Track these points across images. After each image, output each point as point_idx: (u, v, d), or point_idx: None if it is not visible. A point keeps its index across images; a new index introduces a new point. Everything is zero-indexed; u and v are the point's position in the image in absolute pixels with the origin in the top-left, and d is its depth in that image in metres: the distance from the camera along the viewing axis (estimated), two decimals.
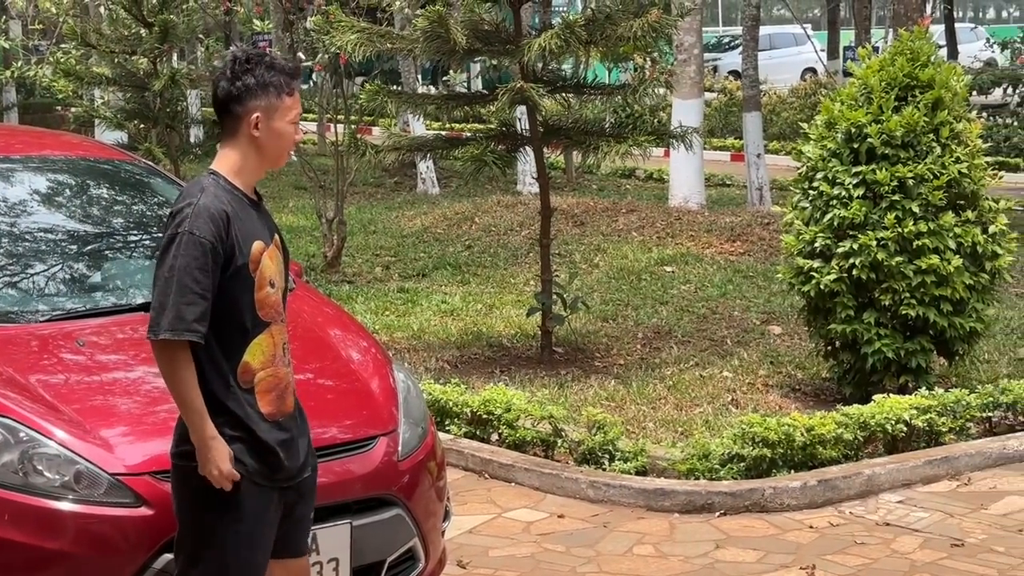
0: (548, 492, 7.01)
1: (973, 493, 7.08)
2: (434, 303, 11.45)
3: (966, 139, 8.23)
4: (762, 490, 6.81)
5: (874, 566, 6.07)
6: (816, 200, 8.29)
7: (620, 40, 9.07)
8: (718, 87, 29.99)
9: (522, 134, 9.98)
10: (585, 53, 9.45)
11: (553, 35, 8.65)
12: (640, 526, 6.57)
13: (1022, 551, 6.22)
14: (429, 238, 14.93)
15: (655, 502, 6.77)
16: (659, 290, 11.93)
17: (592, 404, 8.03)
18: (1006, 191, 17.66)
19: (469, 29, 8.92)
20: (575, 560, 6.15)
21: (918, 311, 7.97)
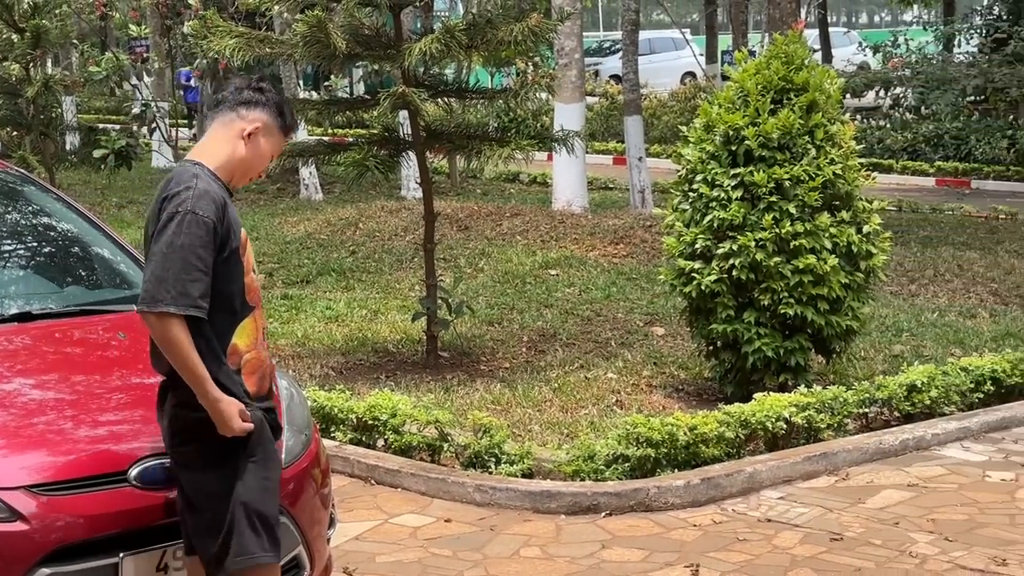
0: (434, 497, 7.00)
1: (851, 488, 7.22)
2: (318, 309, 11.37)
3: (840, 141, 8.38)
4: (647, 490, 6.85)
5: (756, 562, 6.14)
6: (696, 202, 8.38)
7: (501, 44, 9.09)
8: (600, 91, 30.18)
9: (405, 139, 9.96)
10: (467, 57, 9.45)
11: (434, 39, 8.64)
12: (527, 528, 6.58)
13: (898, 543, 6.35)
14: (313, 244, 14.82)
15: (541, 504, 6.79)
16: (544, 293, 11.97)
17: (478, 408, 8.04)
18: (880, 192, 18.09)
19: (349, 33, 8.88)
20: (462, 564, 6.14)
21: (796, 310, 8.09)
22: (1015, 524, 6.63)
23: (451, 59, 9.32)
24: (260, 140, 4.42)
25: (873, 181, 12.06)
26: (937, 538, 6.42)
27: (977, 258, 14.02)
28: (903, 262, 13.48)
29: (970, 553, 6.21)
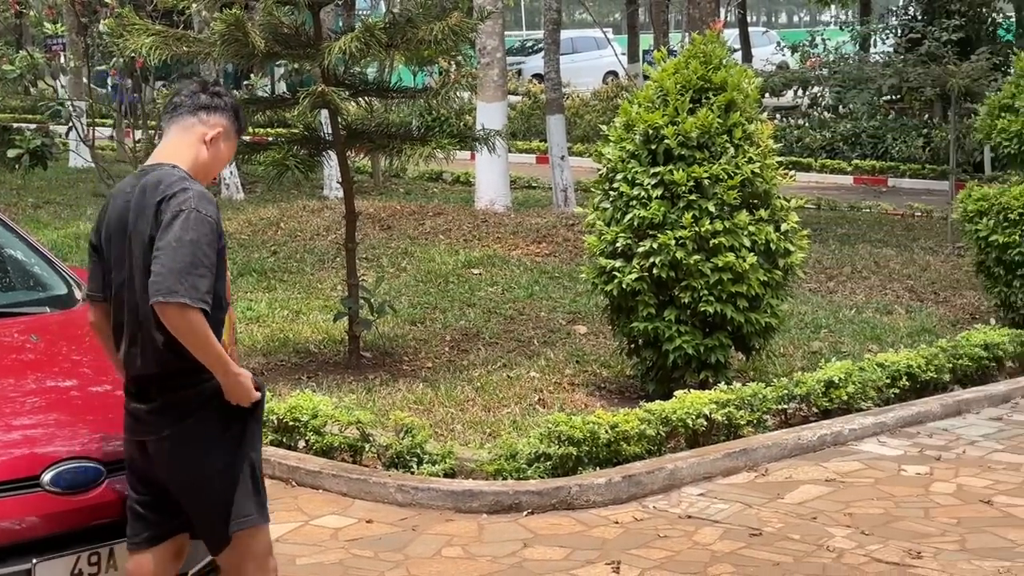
0: (356, 497, 6.95)
1: (770, 483, 7.28)
2: (239, 310, 11.23)
3: (758, 140, 8.44)
4: (568, 488, 6.86)
5: (676, 558, 6.17)
6: (616, 201, 8.41)
7: (422, 43, 9.06)
8: (523, 90, 30.18)
9: (325, 138, 9.89)
10: (387, 56, 9.42)
11: (353, 38, 8.58)
12: (449, 528, 6.56)
13: (816, 538, 6.41)
14: (234, 244, 14.65)
15: (463, 504, 6.77)
16: (466, 292, 11.96)
17: (400, 408, 8.01)
18: (799, 190, 18.24)
19: (268, 32, 8.81)
20: (383, 565, 6.10)
21: (716, 308, 8.14)
22: (929, 517, 6.73)
23: (372, 58, 9.27)
24: (220, 145, 4.51)
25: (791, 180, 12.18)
26: (854, 532, 6.49)
27: (893, 255, 14.21)
28: (822, 259, 13.62)
29: (886, 546, 6.28)
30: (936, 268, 13.51)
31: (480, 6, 14.37)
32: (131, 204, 4.36)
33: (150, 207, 4.28)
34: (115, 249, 4.40)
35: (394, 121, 13.14)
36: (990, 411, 8.83)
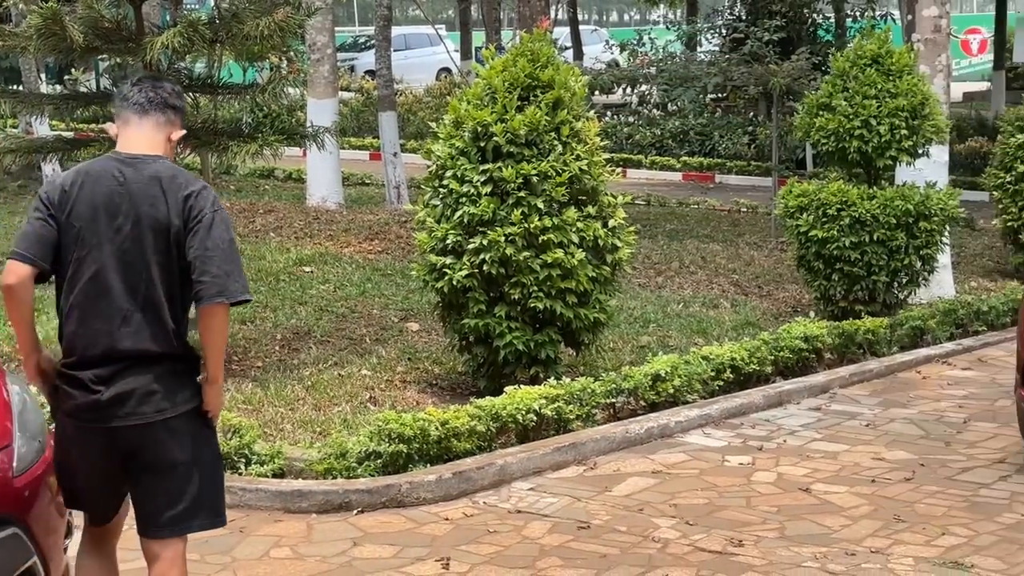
0: None
1: (598, 476, 7.35)
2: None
3: (585, 137, 8.50)
4: (399, 485, 6.84)
5: (505, 553, 6.18)
6: (446, 198, 8.40)
7: (248, 39, 8.92)
8: (355, 87, 30.06)
9: None
10: (211, 52, 9.24)
11: (176, 33, 8.42)
12: (277, 529, 6.48)
13: (642, 529, 6.49)
14: None
15: (292, 504, 6.70)
16: (298, 291, 11.84)
17: (228, 408, 7.83)
18: (630, 186, 18.53)
19: (88, 26, 8.56)
20: (210, 568, 5.99)
21: (546, 304, 8.18)
22: (751, 506, 6.87)
23: (196, 53, 9.10)
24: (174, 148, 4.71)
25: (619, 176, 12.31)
26: (679, 522, 6.59)
27: (720, 250, 14.50)
28: (651, 255, 13.83)
29: (709, 536, 6.39)
30: (760, 263, 13.82)
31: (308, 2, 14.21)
32: (130, 190, 4.41)
33: (174, 198, 4.40)
34: (95, 228, 4.40)
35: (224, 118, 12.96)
36: (809, 401, 9.06)
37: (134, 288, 4.42)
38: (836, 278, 10.87)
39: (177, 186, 4.42)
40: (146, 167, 4.46)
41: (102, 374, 4.41)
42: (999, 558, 6.15)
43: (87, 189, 4.45)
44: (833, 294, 10.99)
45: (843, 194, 10.74)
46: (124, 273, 4.41)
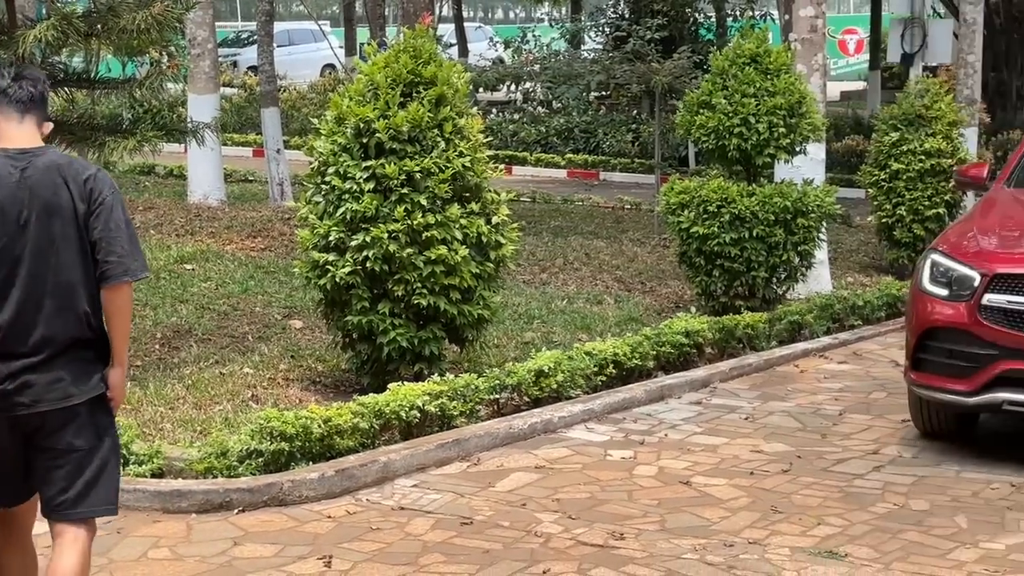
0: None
1: (482, 472, 7.36)
2: None
3: (468, 134, 8.51)
4: (280, 484, 6.78)
5: (388, 550, 6.17)
6: (329, 194, 8.36)
7: (124, 32, 8.79)
8: (238, 82, 29.76)
9: None
10: (87, 46, 9.07)
11: (49, 26, 8.28)
12: (156, 529, 6.38)
13: (525, 524, 6.51)
14: None
15: (171, 504, 6.60)
16: (179, 288, 11.69)
17: None
18: (516, 183, 18.59)
19: None
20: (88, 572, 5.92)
21: (429, 300, 8.18)
22: (632, 500, 6.92)
23: (71, 47, 8.93)
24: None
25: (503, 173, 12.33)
26: (561, 517, 6.61)
27: (604, 247, 14.58)
28: (535, 251, 13.87)
29: (591, 530, 6.43)
30: (643, 259, 13.92)
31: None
32: (29, 183, 4.47)
33: (75, 184, 4.48)
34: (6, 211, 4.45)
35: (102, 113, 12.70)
36: (690, 395, 9.13)
37: (43, 276, 4.47)
38: (717, 274, 10.99)
39: (75, 171, 4.52)
40: (39, 159, 4.53)
41: (11, 364, 4.42)
42: (872, 547, 6.28)
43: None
44: (714, 290, 11.11)
45: (723, 191, 10.87)
46: (33, 263, 4.46)
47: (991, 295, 7.63)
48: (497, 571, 5.91)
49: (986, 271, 7.68)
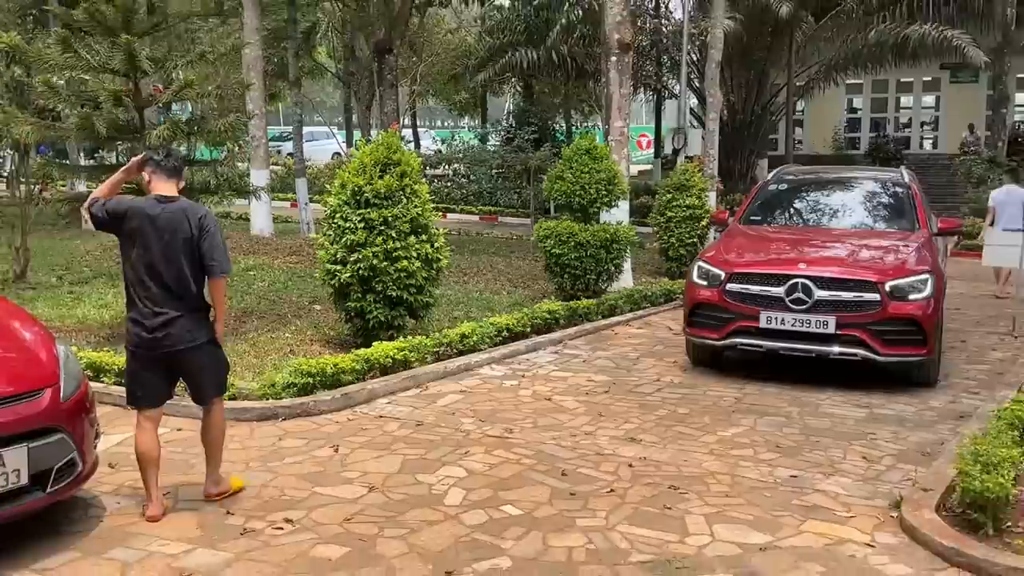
0: (172, 416, 6.52)
1: (428, 395, 7.33)
2: (94, 300, 10.47)
3: (420, 194, 8.42)
4: (307, 403, 6.71)
5: (372, 440, 6.13)
6: (337, 230, 8.25)
7: (211, 132, 8.65)
8: (281, 162, 29.30)
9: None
10: (188, 140, 8.90)
11: (164, 129, 8.14)
12: (232, 431, 6.13)
13: (454, 425, 6.51)
14: (90, 258, 13.63)
15: (241, 416, 6.51)
16: (245, 286, 11.49)
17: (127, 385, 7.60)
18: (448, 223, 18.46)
19: (109, 123, 8.18)
20: (188, 456, 5.80)
21: (397, 293, 8.11)
22: (517, 409, 6.94)
23: (179, 141, 8.76)
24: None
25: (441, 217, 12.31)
26: (475, 420, 6.63)
27: (500, 261, 14.59)
28: (460, 264, 13.83)
29: (493, 427, 6.45)
30: (524, 268, 13.95)
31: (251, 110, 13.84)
32: (172, 214, 4.65)
33: (193, 220, 4.67)
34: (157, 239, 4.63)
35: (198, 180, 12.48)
36: (551, 348, 9.16)
37: (167, 271, 4.65)
38: (567, 277, 11.05)
39: (194, 211, 4.71)
40: (174, 203, 4.72)
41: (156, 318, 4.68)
42: (656, 434, 6.37)
43: (138, 210, 4.69)
44: (565, 286, 11.18)
45: (570, 228, 10.92)
46: (166, 262, 4.64)
47: (730, 284, 7.84)
48: (438, 451, 5.91)
49: (727, 271, 7.88)
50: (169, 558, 4.36)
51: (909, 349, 7.39)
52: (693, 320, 8.10)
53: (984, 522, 4.56)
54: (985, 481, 4.57)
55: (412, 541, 4.57)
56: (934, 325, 7.46)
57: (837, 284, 7.46)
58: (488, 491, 5.21)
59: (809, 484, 5.40)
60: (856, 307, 7.40)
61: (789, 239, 8.51)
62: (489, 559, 4.38)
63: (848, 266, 7.66)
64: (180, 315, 4.67)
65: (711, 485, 5.36)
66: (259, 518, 4.84)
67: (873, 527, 4.79)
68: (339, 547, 4.50)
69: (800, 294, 7.48)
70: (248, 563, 4.33)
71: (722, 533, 4.70)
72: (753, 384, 7.75)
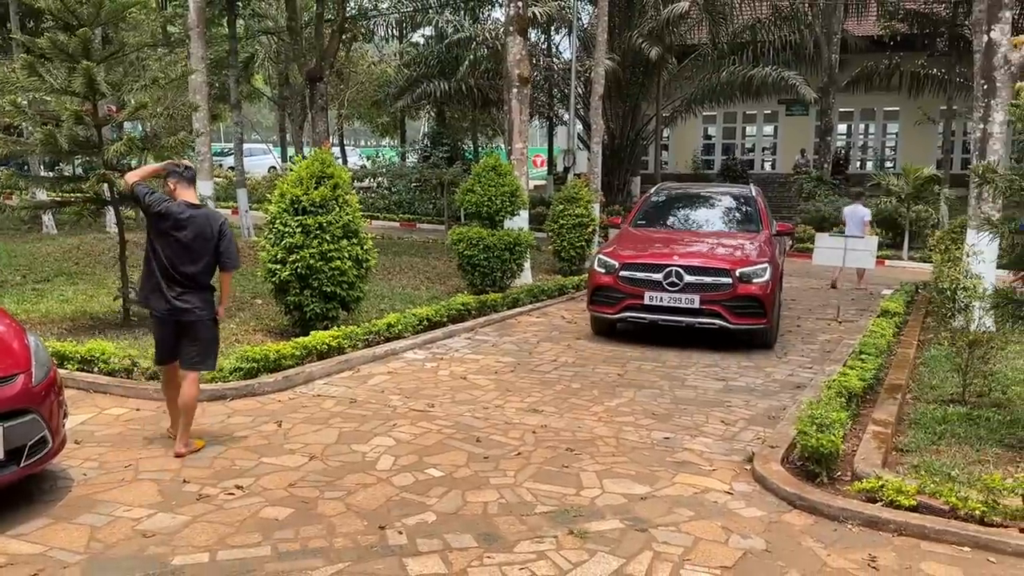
0: (130, 398, 6.31)
1: (360, 376, 7.22)
2: (55, 296, 9.94)
3: (352, 203, 8.32)
4: (252, 385, 6.54)
5: (311, 416, 6.01)
6: (277, 234, 8.06)
7: (163, 148, 8.31)
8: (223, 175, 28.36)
9: (106, 199, 8.87)
10: (142, 154, 8.53)
11: (121, 144, 7.79)
12: None
13: (383, 401, 6.43)
14: (51, 259, 12.92)
15: None
16: None
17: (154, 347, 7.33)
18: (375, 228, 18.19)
19: (70, 139, 7.79)
20: (147, 432, 5.59)
21: (331, 289, 7.99)
22: (438, 387, 6.90)
23: (134, 155, 8.40)
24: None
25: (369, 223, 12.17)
26: (402, 396, 6.57)
27: (420, 261, 14.49)
28: (385, 263, 13.70)
29: (417, 403, 6.39)
30: (441, 267, 13.90)
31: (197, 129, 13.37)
32: (198, 219, 5.01)
33: (214, 225, 5.05)
34: (175, 233, 4.97)
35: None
36: (465, 335, 9.15)
37: (197, 259, 5.02)
38: (477, 274, 11.08)
39: (214, 217, 5.08)
40: (200, 210, 5.06)
41: (176, 294, 5.02)
42: (555, 406, 6.43)
43: (176, 212, 5.00)
44: (476, 283, 11.21)
45: (480, 233, 10.97)
46: (192, 253, 5.00)
47: (622, 272, 8.59)
48: (369, 424, 5.84)
49: (620, 261, 8.66)
50: (133, 521, 4.21)
51: (753, 320, 8.33)
52: (594, 299, 8.82)
53: (820, 472, 4.82)
54: (820, 439, 4.82)
55: (349, 502, 4.53)
56: (771, 302, 8.43)
57: (701, 271, 8.33)
58: (414, 457, 5.20)
59: (679, 444, 5.58)
60: (714, 288, 8.29)
61: (665, 238, 9.29)
62: (417, 515, 4.38)
63: (709, 258, 8.50)
64: (194, 294, 5.05)
65: (600, 447, 5.48)
66: (212, 485, 4.72)
67: (731, 478, 4.99)
68: (284, 508, 4.43)
69: (674, 279, 8.35)
70: (204, 524, 4.22)
71: (610, 486, 4.82)
72: (633, 363, 7.93)
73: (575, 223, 14.06)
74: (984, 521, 4.17)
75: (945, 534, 4.11)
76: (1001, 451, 5.31)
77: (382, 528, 4.21)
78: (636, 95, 23.16)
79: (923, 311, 10.99)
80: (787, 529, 4.30)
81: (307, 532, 4.15)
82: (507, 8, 12.25)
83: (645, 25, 20.88)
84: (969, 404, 6.35)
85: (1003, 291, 5.91)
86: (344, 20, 18.29)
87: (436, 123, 29.26)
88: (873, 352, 7.55)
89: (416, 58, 25.81)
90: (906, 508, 4.32)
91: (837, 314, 11.06)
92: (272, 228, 8.13)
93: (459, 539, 4.09)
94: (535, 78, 22.61)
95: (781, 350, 8.59)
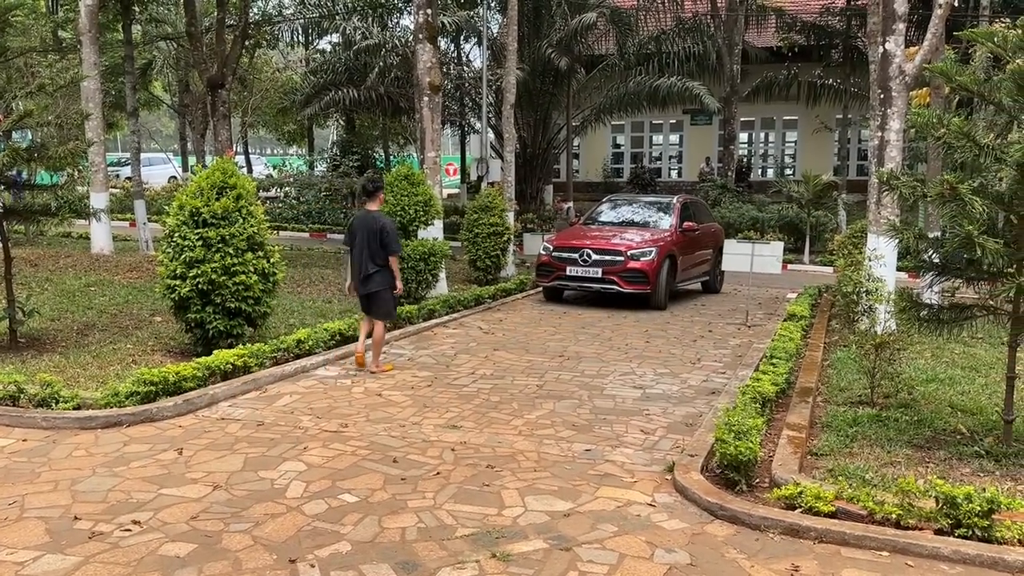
0: (15, 427, 5.85)
1: (268, 396, 6.93)
2: None
3: (256, 214, 7.98)
4: (151, 410, 6.16)
5: (215, 442, 5.71)
6: (176, 247, 7.66)
7: (52, 158, 7.75)
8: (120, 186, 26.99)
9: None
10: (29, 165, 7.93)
11: (4, 155, 7.23)
12: (76, 439, 5.66)
13: (293, 423, 6.18)
14: None
15: (86, 424, 5.88)
16: (87, 301, 10.42)
17: (44, 371, 6.85)
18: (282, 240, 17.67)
19: None
20: (35, 464, 5.16)
21: (236, 305, 7.65)
22: (351, 406, 6.69)
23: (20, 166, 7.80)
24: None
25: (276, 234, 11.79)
26: (313, 417, 6.33)
27: (330, 273, 14.12)
28: (294, 276, 13.28)
29: (329, 423, 6.18)
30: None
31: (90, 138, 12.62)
32: (368, 222, 7.38)
33: (379, 224, 7.32)
34: (360, 234, 7.37)
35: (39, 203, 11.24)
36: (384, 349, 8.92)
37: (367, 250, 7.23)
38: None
39: (381, 219, 7.29)
40: (372, 215, 7.31)
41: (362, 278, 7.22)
42: (474, 421, 6.33)
43: (356, 221, 7.37)
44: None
45: None
46: (366, 248, 7.25)
47: (555, 252, 12.03)
48: (279, 448, 5.58)
49: (555, 245, 12.12)
50: (16, 566, 3.83)
51: (640, 286, 11.72)
52: (538, 272, 12.32)
53: (739, 480, 4.84)
54: (738, 447, 4.84)
55: (256, 534, 4.26)
56: (655, 274, 11.72)
57: (603, 251, 11.78)
58: (327, 482, 4.97)
59: (600, 456, 5.54)
60: (612, 264, 11.69)
61: (592, 232, 12.50)
62: (330, 545, 4.15)
63: (612, 244, 11.89)
64: (373, 272, 7.29)
65: (521, 462, 5.38)
66: (106, 521, 4.36)
67: (653, 489, 4.97)
68: (186, 544, 4.13)
69: (585, 256, 11.80)
70: (97, 565, 3.87)
71: (533, 504, 4.72)
72: (552, 373, 7.89)
73: (490, 232, 13.98)
74: (900, 524, 4.26)
75: (864, 539, 4.17)
76: (911, 451, 5.48)
77: (293, 561, 3.97)
78: (547, 104, 23.33)
79: (827, 314, 11.39)
80: (710, 541, 4.28)
81: (211, 570, 3.87)
82: (416, 16, 12.07)
83: (554, 35, 21.07)
84: (878, 405, 6.55)
85: (907, 294, 6.12)
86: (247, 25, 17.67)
87: (345, 131, 28.74)
88: (783, 356, 7.72)
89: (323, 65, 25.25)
90: (825, 515, 4.37)
91: (746, 319, 11.34)
92: (171, 242, 7.72)
93: (376, 569, 3.90)
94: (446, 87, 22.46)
95: (695, 355, 8.70)
